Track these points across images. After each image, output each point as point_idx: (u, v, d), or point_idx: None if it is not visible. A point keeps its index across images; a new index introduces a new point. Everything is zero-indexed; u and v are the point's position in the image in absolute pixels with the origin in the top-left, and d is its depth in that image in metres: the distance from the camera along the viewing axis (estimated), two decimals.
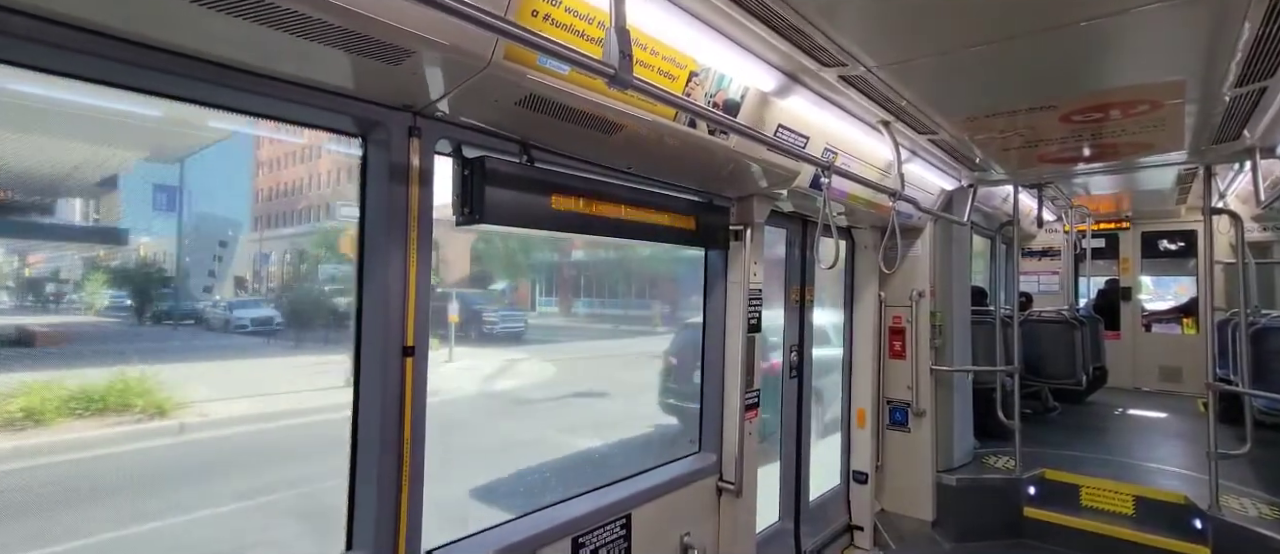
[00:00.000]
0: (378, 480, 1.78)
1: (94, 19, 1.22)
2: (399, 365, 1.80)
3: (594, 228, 2.34)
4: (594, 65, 1.54)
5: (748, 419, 3.13)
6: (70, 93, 1.38)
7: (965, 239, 5.06)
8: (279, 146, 32.20)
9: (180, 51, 1.36)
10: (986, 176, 4.56)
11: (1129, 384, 8.34)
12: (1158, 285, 9.57)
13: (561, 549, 2.33)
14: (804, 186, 3.09)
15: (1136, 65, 2.44)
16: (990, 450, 5.11)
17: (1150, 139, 3.45)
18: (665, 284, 20.90)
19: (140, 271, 11.87)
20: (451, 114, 1.86)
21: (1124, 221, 8.61)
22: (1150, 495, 4.30)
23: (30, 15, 1.16)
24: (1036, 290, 8.93)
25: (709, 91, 2.29)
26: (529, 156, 2.12)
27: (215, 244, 16.27)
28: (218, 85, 1.47)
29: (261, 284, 16.24)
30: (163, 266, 12.88)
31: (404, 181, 1.80)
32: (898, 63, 2.39)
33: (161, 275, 12.47)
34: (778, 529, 3.98)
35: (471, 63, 1.56)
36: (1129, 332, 8.56)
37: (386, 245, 1.79)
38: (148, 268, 12.38)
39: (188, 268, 13.97)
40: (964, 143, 3.59)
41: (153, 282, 11.98)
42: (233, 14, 1.22)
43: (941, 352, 4.73)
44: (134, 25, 1.26)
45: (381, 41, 1.39)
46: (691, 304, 4.13)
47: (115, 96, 1.44)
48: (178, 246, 13.82)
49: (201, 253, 15.12)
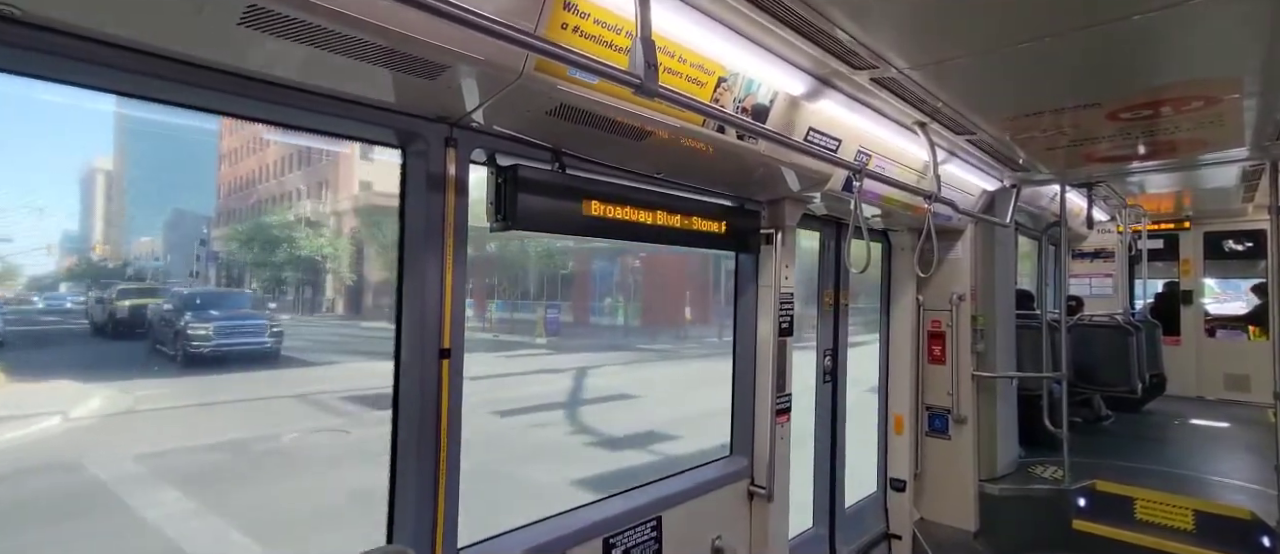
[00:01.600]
0: (417, 477, 1.86)
1: (164, 44, 1.33)
2: (436, 367, 1.88)
3: (625, 233, 2.38)
4: (621, 76, 1.58)
5: (779, 423, 3.11)
6: (137, 109, 1.49)
7: (1009, 241, 4.89)
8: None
9: (237, 72, 1.46)
10: (1031, 177, 4.41)
11: (1191, 393, 7.89)
12: (1225, 288, 9.02)
13: (593, 549, 2.37)
14: (836, 189, 3.06)
15: (1190, 61, 2.33)
16: (1036, 460, 4.92)
17: (1207, 136, 3.28)
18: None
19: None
20: (485, 124, 1.92)
21: (1184, 221, 8.15)
22: (1212, 510, 4.06)
23: (99, 41, 1.27)
24: (1088, 294, 8.54)
25: (738, 97, 2.30)
26: (560, 164, 2.18)
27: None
28: (271, 103, 1.57)
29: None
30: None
31: (441, 190, 1.88)
32: (932, 64, 2.35)
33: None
34: (811, 535, 3.93)
35: (504, 75, 1.62)
36: (1190, 337, 8.09)
37: (425, 252, 1.86)
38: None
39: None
40: (1005, 143, 3.49)
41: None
42: (289, 37, 1.31)
43: (984, 357, 4.58)
44: (199, 49, 1.37)
45: (421, 58, 1.47)
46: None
47: (179, 114, 1.57)
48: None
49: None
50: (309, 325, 20.81)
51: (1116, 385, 5.82)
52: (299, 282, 23.63)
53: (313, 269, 22.99)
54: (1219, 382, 7.86)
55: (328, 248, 23.21)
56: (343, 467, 8.13)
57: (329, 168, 28.98)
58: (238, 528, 6.04)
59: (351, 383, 11.89)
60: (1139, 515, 4.27)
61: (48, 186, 15.59)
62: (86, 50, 1.27)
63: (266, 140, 32.32)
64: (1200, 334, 8.09)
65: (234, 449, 8.51)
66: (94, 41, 1.26)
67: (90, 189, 43.53)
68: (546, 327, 21.09)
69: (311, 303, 23.67)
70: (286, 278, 23.18)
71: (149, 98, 1.50)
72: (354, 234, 23.66)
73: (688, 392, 12.85)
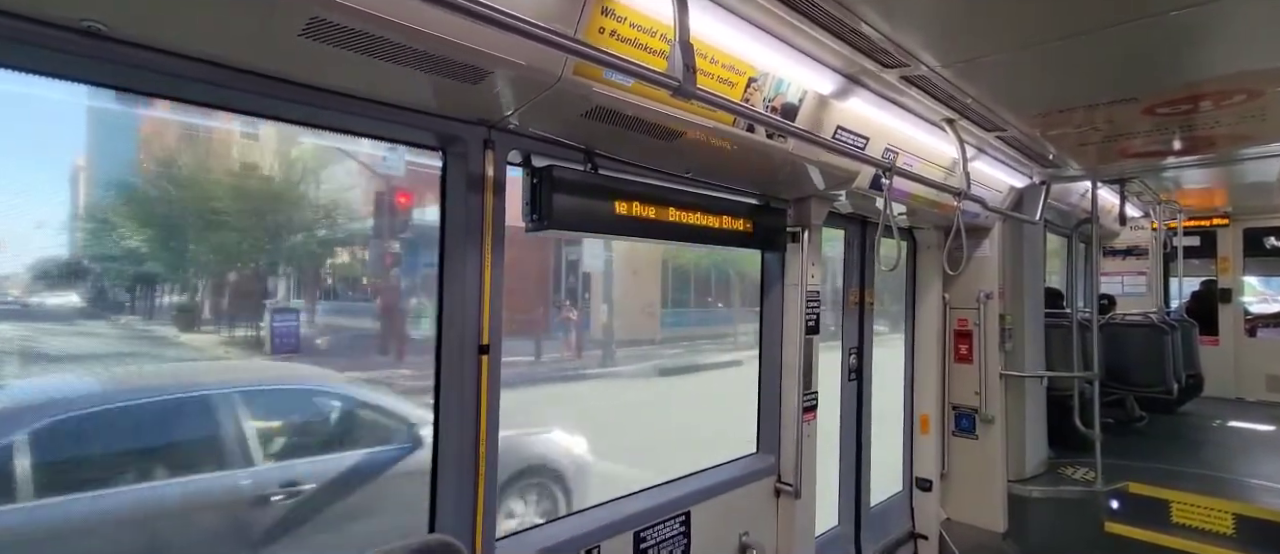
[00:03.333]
0: (457, 469, 1.92)
1: (230, 57, 1.41)
2: (475, 363, 1.94)
3: (654, 232, 2.41)
4: (659, 79, 1.61)
5: (806, 420, 3.12)
6: (193, 117, 1.52)
7: (1038, 238, 4.82)
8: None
9: (290, 79, 1.54)
10: (1061, 173, 4.33)
11: (1230, 394, 7.66)
12: (1268, 286, 8.73)
13: (624, 542, 2.41)
14: (863, 187, 3.06)
15: (1232, 53, 2.29)
16: (1067, 461, 4.84)
17: (1250, 130, 3.20)
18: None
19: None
20: (521, 126, 1.98)
21: (1222, 217, 7.92)
22: (1254, 514, 3.96)
23: (159, 50, 1.34)
24: (1120, 292, 8.34)
25: (767, 96, 2.32)
26: (593, 164, 2.22)
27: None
28: (320, 108, 1.64)
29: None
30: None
31: (480, 191, 1.94)
32: (963, 62, 2.34)
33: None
34: (837, 533, 3.93)
35: (543, 79, 1.67)
36: (1229, 337, 7.86)
37: (464, 251, 1.92)
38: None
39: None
40: (1036, 139, 3.44)
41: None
42: (345, 47, 1.38)
43: (1012, 356, 4.53)
44: (260, 61, 1.45)
45: (466, 64, 1.52)
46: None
47: (232, 119, 1.65)
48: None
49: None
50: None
51: (1151, 386, 5.69)
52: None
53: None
54: (1260, 383, 7.62)
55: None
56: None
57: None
58: None
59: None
60: (1175, 518, 4.18)
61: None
62: (158, 62, 1.35)
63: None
64: (1239, 333, 7.85)
65: None
66: (153, 50, 1.34)
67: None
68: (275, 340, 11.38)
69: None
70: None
71: (210, 105, 1.58)
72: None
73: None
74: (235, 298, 5.85)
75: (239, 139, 5.66)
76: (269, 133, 6.06)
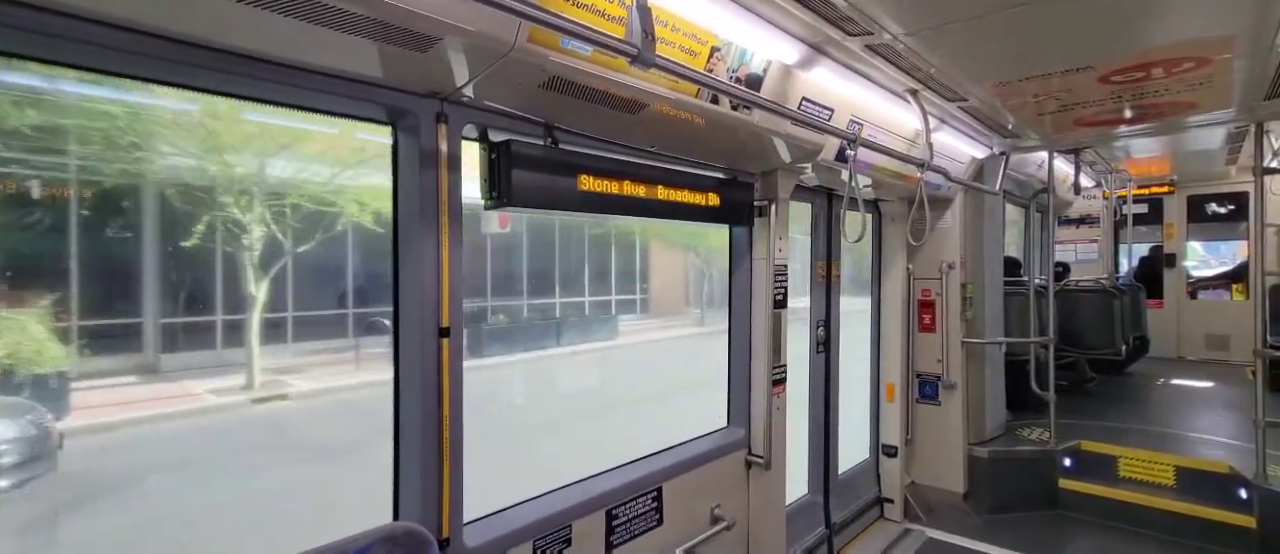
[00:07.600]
0: (421, 455, 1.87)
1: (138, 19, 1.28)
2: (436, 346, 1.87)
3: (619, 207, 2.37)
4: (617, 45, 1.55)
5: (775, 393, 3.15)
6: (109, 90, 1.36)
7: (997, 209, 4.94)
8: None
9: (219, 47, 1.42)
10: (1020, 143, 4.42)
11: (1172, 354, 8.08)
12: (1210, 250, 9.18)
13: (596, 521, 2.41)
14: (829, 160, 3.05)
15: (1183, 21, 2.33)
16: (1024, 422, 5.04)
17: (1196, 98, 3.30)
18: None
19: None
20: (476, 99, 1.89)
21: (1168, 185, 8.26)
22: (1192, 465, 4.20)
23: (71, 15, 1.22)
24: (1074, 260, 8.67)
25: (731, 67, 2.28)
26: (553, 138, 2.15)
27: None
28: (254, 79, 1.53)
29: None
30: None
31: (434, 167, 1.85)
32: (927, 29, 2.33)
33: None
34: (807, 501, 4.02)
35: (496, 47, 1.59)
36: (1173, 300, 8.26)
37: (420, 230, 1.84)
38: None
39: None
40: (996, 109, 3.49)
41: None
42: (272, 10, 1.27)
43: (973, 324, 4.66)
44: (175, 24, 1.32)
45: (412, 30, 1.43)
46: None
47: (159, 93, 1.52)
48: None
49: None
50: None
51: (1101, 348, 5.95)
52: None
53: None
54: (1200, 342, 8.06)
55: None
56: None
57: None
58: None
59: None
60: (1122, 473, 4.41)
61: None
62: (68, 27, 1.22)
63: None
64: (1182, 296, 8.26)
65: None
66: (65, 15, 1.21)
67: None
68: None
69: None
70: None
71: (134, 76, 1.45)
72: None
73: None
74: None
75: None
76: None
